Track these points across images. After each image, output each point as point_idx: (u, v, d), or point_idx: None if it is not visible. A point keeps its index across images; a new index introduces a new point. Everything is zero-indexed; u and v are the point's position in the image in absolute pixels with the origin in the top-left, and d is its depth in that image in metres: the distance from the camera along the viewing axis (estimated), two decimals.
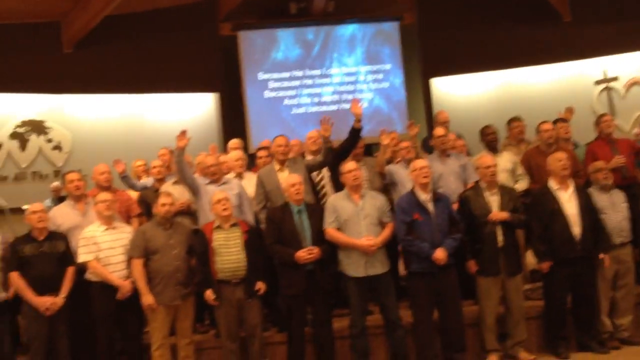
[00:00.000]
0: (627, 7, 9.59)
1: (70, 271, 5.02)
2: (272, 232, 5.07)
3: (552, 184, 5.31)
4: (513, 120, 6.56)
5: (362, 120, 5.60)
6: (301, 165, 5.67)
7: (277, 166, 5.66)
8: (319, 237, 5.05)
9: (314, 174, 5.76)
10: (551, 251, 5.15)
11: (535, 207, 5.27)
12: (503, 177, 5.85)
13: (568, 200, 5.21)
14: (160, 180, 6.07)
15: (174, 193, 5.36)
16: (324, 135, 5.51)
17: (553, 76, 10.11)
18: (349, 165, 5.15)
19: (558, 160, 5.31)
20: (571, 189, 5.27)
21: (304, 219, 5.08)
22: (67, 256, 5.04)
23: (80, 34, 9.06)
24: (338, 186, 5.48)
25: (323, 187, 5.79)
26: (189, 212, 5.60)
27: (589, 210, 5.21)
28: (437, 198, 5.11)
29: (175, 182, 5.75)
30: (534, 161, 5.89)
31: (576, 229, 5.13)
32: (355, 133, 5.64)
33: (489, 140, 6.17)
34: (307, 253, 4.93)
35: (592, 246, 5.18)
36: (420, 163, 5.17)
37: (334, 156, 5.65)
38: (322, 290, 5.04)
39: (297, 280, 4.98)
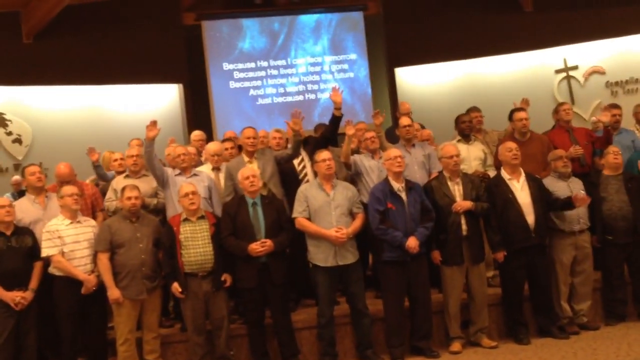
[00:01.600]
0: None
1: (38, 266, 4.97)
2: (226, 225, 5.06)
3: (504, 173, 5.40)
4: (471, 111, 6.63)
5: (325, 111, 5.61)
6: (270, 156, 5.68)
7: (246, 158, 5.66)
8: (273, 230, 5.06)
9: (296, 163, 5.78)
10: (506, 240, 5.25)
11: (489, 196, 5.33)
12: (475, 165, 5.97)
13: (521, 189, 5.31)
14: (121, 174, 5.97)
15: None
16: (294, 129, 5.53)
17: (515, 65, 10.25)
18: (323, 154, 5.15)
19: (508, 150, 5.39)
20: (522, 178, 5.36)
21: (259, 211, 5.08)
22: (34, 251, 4.99)
23: (40, 24, 8.87)
24: None
25: (305, 175, 5.80)
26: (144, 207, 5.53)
27: (541, 198, 5.31)
28: (410, 187, 5.17)
29: (127, 176, 5.69)
30: None
31: (530, 217, 5.23)
32: (335, 121, 5.67)
33: (463, 128, 6.24)
34: (259, 245, 4.94)
35: (545, 233, 5.29)
36: (394, 152, 5.21)
37: (314, 145, 5.66)
38: (277, 282, 5.05)
39: (250, 273, 4.99)
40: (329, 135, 5.75)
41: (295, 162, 5.79)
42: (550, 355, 4.95)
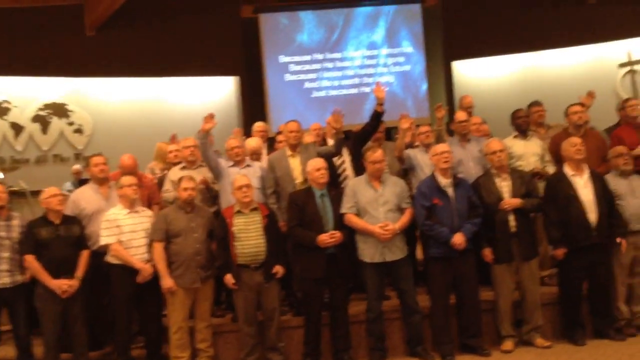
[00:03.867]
0: None
1: (85, 254, 5.09)
2: (294, 215, 5.09)
3: (567, 169, 5.27)
4: (533, 105, 6.48)
5: (383, 104, 5.60)
6: (313, 152, 5.68)
7: (288, 152, 5.67)
8: (340, 221, 5.08)
9: (335, 158, 5.79)
10: (567, 238, 5.13)
11: (550, 192, 5.23)
12: (533, 162, 5.82)
13: (584, 186, 5.18)
14: (176, 165, 6.08)
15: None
16: (335, 127, 5.53)
17: (576, 59, 10.00)
18: (376, 155, 5.11)
19: (572, 145, 5.25)
20: (586, 174, 5.23)
21: (327, 203, 5.10)
22: (82, 240, 5.13)
23: (102, 17, 9.13)
24: (359, 170, 5.49)
25: (344, 170, 5.81)
26: (209, 193, 5.63)
27: (605, 196, 5.17)
28: (457, 183, 5.12)
29: (184, 167, 5.77)
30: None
31: (592, 215, 5.10)
32: (377, 116, 5.64)
33: (520, 123, 6.10)
34: (329, 237, 4.96)
35: (608, 233, 5.14)
36: (441, 148, 5.17)
37: (354, 140, 5.66)
38: (341, 275, 5.08)
39: (318, 264, 5.01)
40: (370, 130, 5.70)
41: (335, 157, 5.77)
42: (605, 357, 4.83)
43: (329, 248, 4.99)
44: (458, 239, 4.93)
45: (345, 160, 5.83)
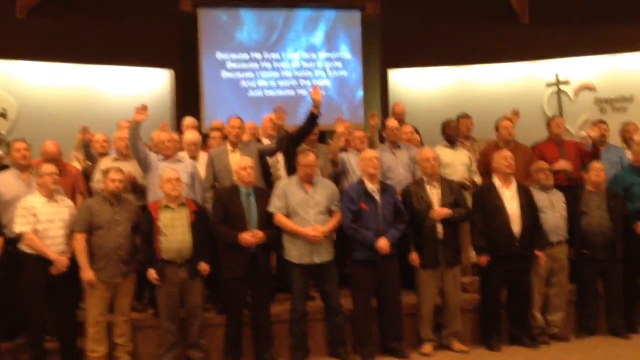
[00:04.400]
0: (583, 13, 9.79)
1: None
2: (218, 212, 5.07)
3: (496, 181, 5.43)
4: (461, 117, 6.67)
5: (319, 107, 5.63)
6: (254, 149, 5.67)
7: (229, 147, 5.64)
8: (264, 221, 5.06)
9: (268, 157, 5.77)
10: (490, 246, 5.27)
11: (479, 202, 5.38)
12: (461, 171, 5.99)
13: (511, 199, 5.35)
14: (103, 155, 5.95)
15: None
16: (277, 124, 5.53)
17: (507, 76, 10.27)
18: (308, 159, 5.13)
19: (503, 158, 5.43)
20: (514, 187, 5.40)
21: (252, 202, 5.08)
22: None
23: (35, 0, 8.81)
24: (292, 171, 5.49)
25: (278, 170, 5.82)
26: (134, 187, 5.53)
27: (529, 209, 5.35)
28: (384, 188, 5.19)
29: (116, 159, 5.66)
30: (492, 157, 5.98)
31: (516, 226, 5.27)
32: (312, 118, 5.65)
33: (450, 133, 6.26)
34: (251, 236, 4.94)
35: (529, 244, 5.32)
36: (369, 153, 5.24)
37: (289, 140, 5.67)
38: (263, 275, 5.07)
39: (239, 263, 4.99)
40: (305, 131, 5.72)
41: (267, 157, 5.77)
42: None
43: (251, 247, 4.97)
44: (382, 244, 5.00)
45: (279, 160, 5.83)
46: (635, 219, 5.63)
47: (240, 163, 5.15)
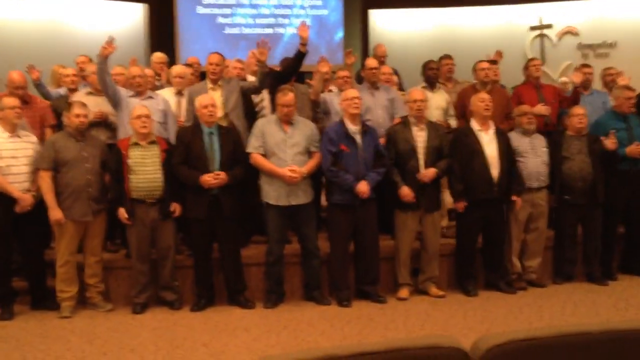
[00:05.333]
0: None
1: None
2: (179, 153, 4.89)
3: (474, 124, 5.30)
4: (443, 58, 6.53)
5: (291, 48, 5.42)
6: (236, 86, 5.47)
7: (209, 84, 5.43)
8: (228, 162, 4.90)
9: (253, 95, 5.57)
10: (467, 191, 5.19)
11: (456, 146, 5.25)
12: (437, 114, 5.86)
13: (489, 142, 5.22)
14: (73, 91, 5.72)
15: (88, 104, 5.04)
16: (260, 60, 5.31)
17: (490, 19, 10.09)
18: (287, 99, 4.95)
19: (481, 100, 5.28)
20: (492, 130, 5.28)
21: (215, 141, 4.91)
22: None
23: None
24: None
25: (262, 108, 5.64)
26: (106, 124, 5.32)
27: (508, 153, 5.25)
28: (366, 130, 5.03)
29: (90, 93, 5.43)
30: (469, 100, 5.86)
31: (494, 170, 5.16)
32: (300, 56, 5.43)
33: (430, 75, 6.14)
34: (212, 177, 4.78)
35: (507, 189, 5.24)
36: (351, 93, 5.05)
37: (273, 78, 5.45)
38: (228, 217, 4.92)
39: (200, 205, 4.85)
40: (291, 70, 5.52)
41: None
42: (496, 308, 4.96)
43: (213, 189, 4.82)
44: (362, 187, 4.88)
45: (264, 98, 5.65)
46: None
47: (200, 101, 4.94)
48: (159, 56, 6.48)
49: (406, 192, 5.03)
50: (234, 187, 4.93)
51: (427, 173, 5.04)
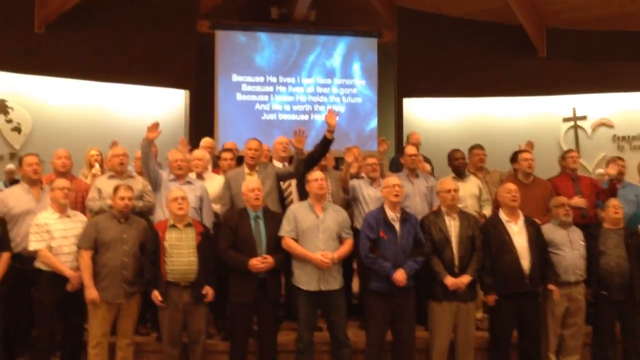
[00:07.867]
0: (601, 49, 9.73)
1: (4, 257, 4.84)
2: (226, 237, 4.94)
3: (502, 215, 5.27)
4: (474, 148, 6.53)
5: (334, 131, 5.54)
6: (272, 171, 5.58)
7: (246, 170, 5.55)
8: (274, 245, 4.94)
9: (281, 182, 5.68)
10: (498, 284, 5.11)
11: (485, 237, 5.19)
12: (470, 203, 5.84)
13: (518, 233, 5.17)
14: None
15: (110, 187, 5.18)
16: (297, 147, 5.43)
17: (523, 110, 10.21)
18: (315, 173, 5.05)
19: (507, 191, 5.26)
20: (521, 221, 5.24)
21: (261, 225, 4.96)
22: (2, 241, 4.87)
23: (54, 15, 8.83)
24: (304, 195, 5.37)
25: (290, 194, 5.72)
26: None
27: (538, 243, 5.19)
28: (405, 218, 5.04)
29: (112, 176, 5.57)
30: None
31: (525, 262, 5.08)
32: (326, 143, 5.56)
33: (457, 165, 6.13)
34: (260, 261, 4.82)
35: (539, 280, 5.15)
36: (393, 180, 5.09)
37: (299, 165, 5.57)
38: (271, 301, 4.93)
39: (247, 289, 4.85)
40: (317, 156, 5.62)
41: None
42: None
43: (260, 273, 4.84)
44: (399, 276, 4.83)
45: (291, 184, 5.73)
46: None
47: (247, 185, 5.04)
48: (207, 141, 6.66)
49: (452, 281, 4.97)
50: (279, 271, 4.94)
51: (462, 280, 4.99)
